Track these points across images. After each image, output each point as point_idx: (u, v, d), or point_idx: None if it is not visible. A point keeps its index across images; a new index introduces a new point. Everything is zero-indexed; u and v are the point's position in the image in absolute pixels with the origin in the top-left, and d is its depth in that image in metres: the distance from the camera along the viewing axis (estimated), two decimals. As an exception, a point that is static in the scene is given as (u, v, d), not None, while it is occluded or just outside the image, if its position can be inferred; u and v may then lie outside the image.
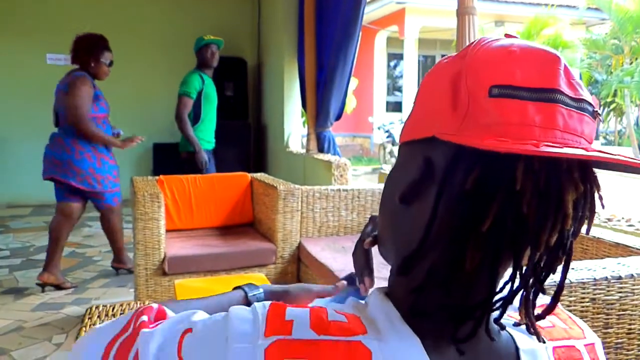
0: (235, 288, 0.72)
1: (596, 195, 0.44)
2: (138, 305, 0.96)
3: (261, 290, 0.71)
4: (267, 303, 0.46)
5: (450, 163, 0.44)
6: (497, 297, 0.46)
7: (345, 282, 0.77)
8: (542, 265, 0.45)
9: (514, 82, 0.42)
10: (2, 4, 5.46)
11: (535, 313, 0.47)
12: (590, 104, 0.44)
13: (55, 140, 3.03)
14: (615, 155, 0.41)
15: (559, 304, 0.59)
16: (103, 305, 0.95)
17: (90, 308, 0.93)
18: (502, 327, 0.49)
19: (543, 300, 0.57)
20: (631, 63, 10.71)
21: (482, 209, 0.42)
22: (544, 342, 0.50)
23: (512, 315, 0.51)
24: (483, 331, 0.47)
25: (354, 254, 0.74)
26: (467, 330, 0.45)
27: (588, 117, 0.44)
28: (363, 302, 0.53)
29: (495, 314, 0.48)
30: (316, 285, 0.76)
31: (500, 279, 0.46)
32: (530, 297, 0.46)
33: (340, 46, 3.91)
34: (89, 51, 2.94)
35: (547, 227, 0.41)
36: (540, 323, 0.52)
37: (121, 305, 0.95)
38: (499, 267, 0.45)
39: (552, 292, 0.47)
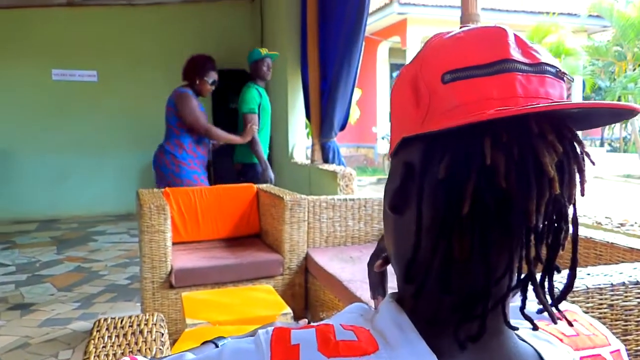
0: (203, 343, 0.73)
1: (580, 152, 0.43)
2: (146, 317, 0.94)
3: (230, 339, 0.72)
4: (270, 328, 0.45)
5: (423, 159, 0.44)
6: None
7: (307, 320, 0.81)
8: (547, 241, 0.43)
9: (463, 63, 0.42)
10: (7, 20, 5.52)
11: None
12: (552, 66, 0.43)
13: (156, 152, 3.38)
14: (579, 102, 0.40)
15: (579, 309, 0.57)
16: (112, 318, 0.93)
17: (99, 321, 0.91)
18: (522, 339, 0.46)
19: (565, 305, 0.55)
20: (634, 69, 10.71)
21: (459, 194, 0.41)
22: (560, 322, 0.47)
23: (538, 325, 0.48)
24: (498, 333, 0.45)
25: (369, 269, 0.73)
26: (475, 329, 0.43)
27: (550, 78, 0.43)
28: (371, 308, 0.51)
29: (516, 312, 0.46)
30: (280, 322, 0.78)
31: (503, 265, 0.43)
32: (543, 279, 0.44)
33: (344, 56, 3.92)
34: (196, 70, 3.21)
35: (532, 196, 0.40)
36: (564, 331, 0.50)
37: (129, 317, 0.93)
38: (491, 251, 0.42)
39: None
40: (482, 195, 0.40)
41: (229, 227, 2.95)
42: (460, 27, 0.47)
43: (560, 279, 0.45)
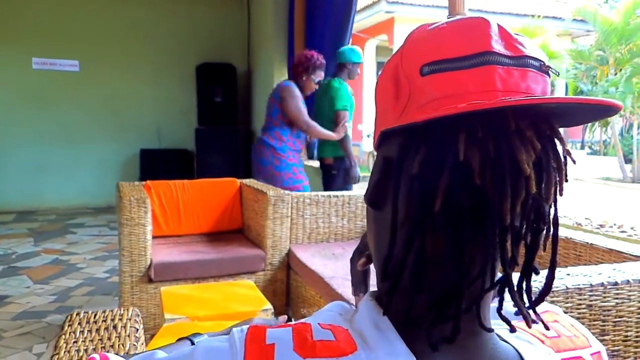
0: (179, 339, 0.72)
1: (561, 150, 0.41)
2: (121, 312, 0.91)
3: (205, 336, 0.71)
4: (245, 327, 0.44)
5: (400, 154, 0.43)
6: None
7: (285, 317, 0.79)
8: (526, 241, 0.42)
9: (442, 55, 0.41)
10: (-13, 6, 5.38)
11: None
12: (535, 59, 0.42)
13: (255, 144, 3.40)
14: (556, 96, 0.39)
15: (560, 309, 0.56)
16: (85, 312, 0.90)
17: (71, 315, 0.88)
18: (503, 339, 0.45)
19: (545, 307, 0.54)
20: (616, 74, 10.90)
21: (432, 191, 0.39)
22: (545, 326, 0.45)
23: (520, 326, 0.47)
24: (475, 333, 0.43)
25: (351, 266, 0.72)
26: (449, 329, 0.41)
27: (533, 72, 0.41)
28: (352, 306, 0.50)
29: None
30: (260, 318, 0.76)
31: (477, 266, 0.41)
32: (521, 281, 0.43)
33: (331, 54, 3.90)
34: (306, 67, 3.20)
35: (506, 195, 0.38)
36: (546, 332, 0.49)
37: (104, 312, 0.90)
38: (465, 250, 0.41)
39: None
40: (456, 193, 0.39)
41: (211, 221, 2.92)
42: (447, 17, 0.45)
43: (539, 279, 0.44)
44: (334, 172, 3.41)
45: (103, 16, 5.76)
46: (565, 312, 1.15)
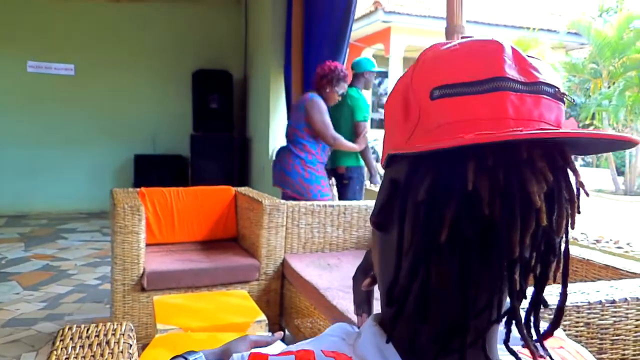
0: (173, 358, 0.71)
1: (574, 182, 0.40)
2: (114, 326, 0.89)
3: (201, 354, 0.70)
4: (247, 354, 0.43)
5: (407, 178, 0.42)
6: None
7: (281, 333, 0.79)
8: (535, 273, 0.40)
9: (454, 79, 0.39)
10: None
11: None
12: (550, 85, 0.40)
13: (281, 153, 3.33)
14: (570, 130, 0.37)
15: (564, 333, 0.55)
16: (77, 326, 0.88)
17: (63, 329, 0.86)
18: None
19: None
20: (609, 87, 10.99)
21: (439, 220, 0.38)
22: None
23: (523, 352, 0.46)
24: None
25: (354, 284, 0.70)
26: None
27: (547, 99, 0.40)
28: (355, 330, 0.49)
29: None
30: (253, 335, 0.74)
31: (484, 298, 0.40)
32: (529, 313, 0.41)
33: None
34: (330, 78, 3.17)
35: (516, 226, 0.37)
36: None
37: (96, 326, 0.88)
38: (471, 282, 0.39)
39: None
40: (463, 223, 0.38)
41: (205, 229, 2.90)
42: (461, 37, 0.44)
43: (548, 310, 0.43)
44: (346, 182, 3.44)
45: (100, 21, 5.75)
46: (564, 330, 1.14)
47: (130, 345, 0.84)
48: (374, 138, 11.05)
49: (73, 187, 5.79)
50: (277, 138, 5.09)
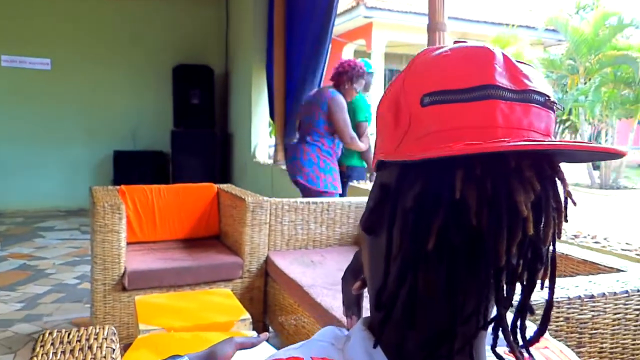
0: None
1: (562, 191, 0.40)
2: (96, 331, 0.88)
3: (186, 358, 0.68)
4: None
5: (397, 184, 0.42)
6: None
7: (267, 334, 0.78)
8: (522, 280, 0.41)
9: (444, 86, 0.39)
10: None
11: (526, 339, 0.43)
12: (540, 94, 0.40)
13: (295, 147, 3.33)
14: (557, 142, 0.37)
15: (548, 333, 0.56)
16: (57, 331, 0.86)
17: (43, 334, 0.84)
18: None
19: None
20: (585, 83, 11.22)
21: (427, 228, 0.38)
22: None
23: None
24: None
25: (343, 284, 0.70)
26: None
27: (537, 108, 0.40)
28: (344, 333, 0.49)
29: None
30: (238, 337, 0.73)
31: (471, 305, 0.41)
32: (516, 320, 0.42)
33: (311, 57, 3.90)
34: (350, 75, 3.20)
35: (502, 236, 0.37)
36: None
37: (78, 330, 0.87)
38: (458, 290, 0.40)
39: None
40: (450, 231, 0.38)
41: (187, 227, 2.87)
42: (454, 42, 0.44)
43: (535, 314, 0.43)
44: (345, 180, 3.49)
45: (77, 15, 5.62)
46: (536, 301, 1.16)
47: (113, 350, 0.83)
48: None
49: (51, 184, 5.67)
50: (259, 134, 5.07)
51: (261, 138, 5.09)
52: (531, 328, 0.45)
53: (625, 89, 10.99)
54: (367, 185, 3.40)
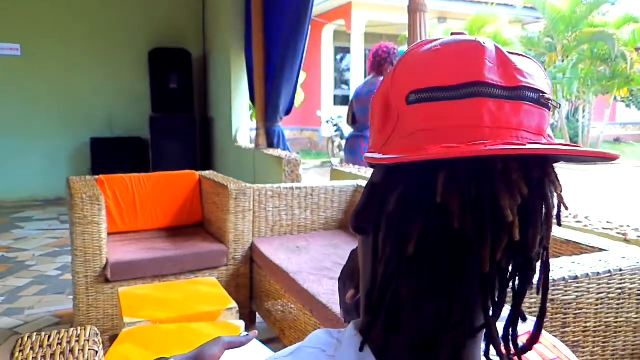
0: None
1: (553, 195, 0.38)
2: (78, 332, 0.85)
3: None
4: None
5: (383, 184, 0.40)
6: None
7: (256, 332, 0.76)
8: (513, 286, 0.39)
9: (430, 83, 0.37)
10: None
11: (520, 343, 0.42)
12: (534, 90, 0.38)
13: (353, 140, 3.55)
14: (543, 146, 0.35)
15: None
16: (37, 335, 0.83)
17: (22, 339, 0.81)
18: None
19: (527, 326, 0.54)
20: (563, 60, 11.32)
21: (407, 232, 0.37)
22: None
23: None
24: None
25: (339, 285, 0.69)
26: None
27: (529, 105, 0.38)
28: (334, 337, 0.48)
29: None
30: (227, 337, 0.71)
31: (458, 312, 0.39)
32: (508, 327, 0.41)
33: (290, 39, 3.83)
34: (390, 61, 3.35)
35: (486, 242, 0.35)
36: (528, 356, 0.48)
37: (58, 333, 0.84)
38: (442, 296, 0.38)
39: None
40: (432, 237, 0.37)
41: (170, 216, 2.83)
42: (451, 34, 0.42)
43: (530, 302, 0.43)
44: None
45: (56, 2, 5.41)
46: (529, 308, 1.17)
47: (96, 352, 0.80)
48: (338, 115, 11.07)
49: (26, 174, 5.52)
50: (239, 117, 4.99)
51: (242, 122, 5.02)
52: (528, 324, 0.44)
53: (601, 65, 11.14)
54: (350, 168, 3.38)
